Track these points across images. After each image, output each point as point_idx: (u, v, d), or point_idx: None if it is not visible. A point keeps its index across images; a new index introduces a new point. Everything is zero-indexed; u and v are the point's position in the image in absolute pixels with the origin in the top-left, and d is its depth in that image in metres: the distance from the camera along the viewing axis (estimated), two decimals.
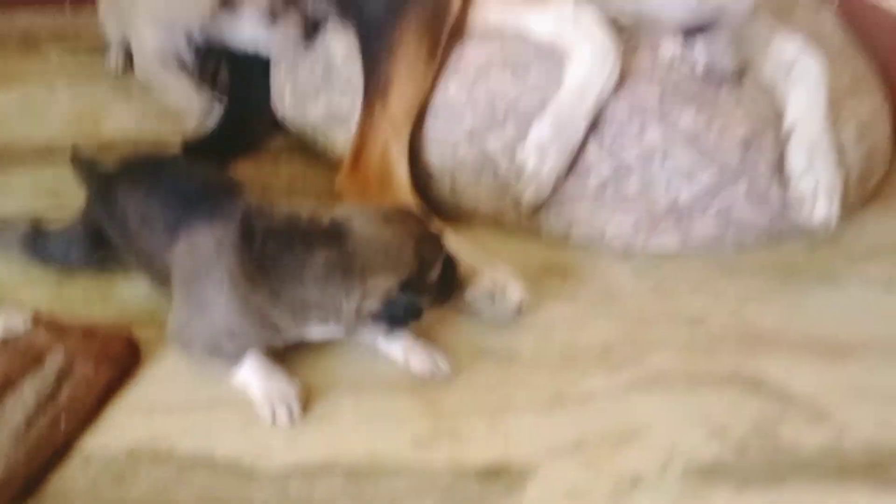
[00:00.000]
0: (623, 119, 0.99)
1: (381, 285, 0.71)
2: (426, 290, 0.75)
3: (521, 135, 0.99)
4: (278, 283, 0.72)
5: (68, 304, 0.87)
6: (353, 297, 0.71)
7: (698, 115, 0.99)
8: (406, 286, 0.72)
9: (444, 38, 1.03)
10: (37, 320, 0.82)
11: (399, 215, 0.77)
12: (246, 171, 1.13)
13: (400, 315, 0.75)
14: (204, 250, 0.75)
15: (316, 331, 0.77)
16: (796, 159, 0.99)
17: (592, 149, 0.99)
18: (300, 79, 1.15)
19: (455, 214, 1.05)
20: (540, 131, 0.97)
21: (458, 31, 1.06)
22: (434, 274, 0.75)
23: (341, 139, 1.10)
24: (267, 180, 1.12)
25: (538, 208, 1.01)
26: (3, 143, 1.15)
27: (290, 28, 1.12)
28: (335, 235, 0.72)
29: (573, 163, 0.99)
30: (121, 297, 0.89)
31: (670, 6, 1.06)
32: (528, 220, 1.02)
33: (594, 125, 0.99)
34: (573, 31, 0.99)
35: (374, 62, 1.01)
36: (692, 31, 1.11)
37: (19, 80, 1.31)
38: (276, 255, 0.71)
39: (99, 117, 1.24)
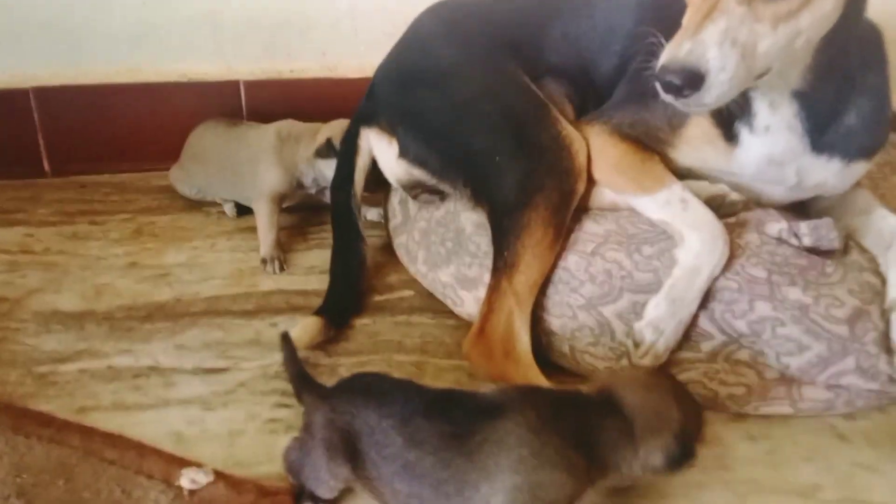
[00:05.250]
0: (733, 295, 1.06)
1: (660, 443, 0.85)
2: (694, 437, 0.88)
3: (636, 305, 1.08)
4: (589, 447, 0.85)
5: (239, 461, 0.99)
6: (638, 456, 0.85)
7: (805, 293, 1.04)
8: (679, 436, 0.85)
9: (567, 222, 1.13)
10: (217, 476, 0.96)
11: (654, 378, 0.93)
12: (382, 327, 1.27)
13: (678, 461, 0.85)
14: (526, 432, 0.84)
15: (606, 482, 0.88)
16: None
17: (703, 321, 1.07)
18: (432, 247, 1.29)
19: (574, 373, 1.15)
20: (656, 309, 1.05)
21: (579, 208, 1.17)
22: (700, 423, 0.89)
23: (469, 301, 1.22)
24: (401, 338, 1.24)
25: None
26: (176, 298, 1.32)
27: None
28: (612, 405, 0.86)
29: (686, 331, 1.07)
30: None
31: (771, 189, 1.14)
32: None
33: (705, 299, 1.06)
34: (682, 217, 1.08)
35: (502, 242, 1.11)
36: (796, 206, 1.19)
37: (186, 240, 1.50)
38: (590, 424, 0.86)
39: (255, 273, 1.41)
